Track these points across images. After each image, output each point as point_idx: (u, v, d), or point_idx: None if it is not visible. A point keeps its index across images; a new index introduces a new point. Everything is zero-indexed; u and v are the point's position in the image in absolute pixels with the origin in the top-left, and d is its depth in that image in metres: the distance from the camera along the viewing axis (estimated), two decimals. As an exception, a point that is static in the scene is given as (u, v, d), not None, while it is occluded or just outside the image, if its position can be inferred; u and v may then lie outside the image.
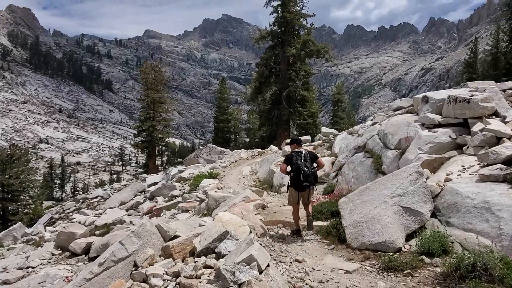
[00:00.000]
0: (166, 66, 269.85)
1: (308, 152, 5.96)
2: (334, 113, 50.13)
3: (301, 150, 5.90)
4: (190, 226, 5.03)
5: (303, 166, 5.59)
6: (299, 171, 5.59)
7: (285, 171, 5.91)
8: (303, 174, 5.54)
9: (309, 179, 5.56)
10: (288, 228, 6.05)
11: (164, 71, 40.68)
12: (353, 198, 5.16)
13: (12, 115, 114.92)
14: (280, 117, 33.57)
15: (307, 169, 5.57)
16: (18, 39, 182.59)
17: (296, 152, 5.85)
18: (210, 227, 4.08)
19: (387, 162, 7.31)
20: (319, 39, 76.20)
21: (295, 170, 5.67)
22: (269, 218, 6.48)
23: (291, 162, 5.79)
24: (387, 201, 4.73)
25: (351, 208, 5.03)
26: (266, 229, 5.60)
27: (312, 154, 6.00)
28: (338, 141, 12.94)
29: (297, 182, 5.63)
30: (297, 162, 5.67)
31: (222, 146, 35.67)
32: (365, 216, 4.74)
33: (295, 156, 5.77)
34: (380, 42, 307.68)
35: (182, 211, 9.42)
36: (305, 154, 5.83)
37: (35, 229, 18.05)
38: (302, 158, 5.71)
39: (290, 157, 5.85)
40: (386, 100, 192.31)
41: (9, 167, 32.83)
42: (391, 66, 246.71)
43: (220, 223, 4.29)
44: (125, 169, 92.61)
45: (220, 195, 8.07)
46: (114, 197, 21.24)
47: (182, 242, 4.08)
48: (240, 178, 16.30)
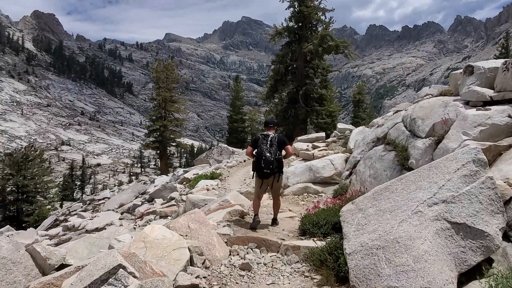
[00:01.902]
0: (186, 69, 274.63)
1: (278, 136, 5.46)
2: (354, 113, 47.88)
3: (268, 134, 5.42)
4: (97, 247, 3.37)
5: (265, 152, 5.13)
6: (260, 156, 5.16)
7: (250, 154, 5.51)
8: (264, 159, 5.09)
9: (271, 166, 5.08)
10: (263, 251, 4.23)
11: (180, 73, 39.73)
12: (364, 205, 3.27)
13: (35, 118, 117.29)
14: (296, 117, 31.80)
15: (269, 155, 5.09)
16: (43, 44, 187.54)
17: (263, 136, 5.41)
18: (100, 258, 2.33)
19: (416, 155, 5.40)
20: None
21: (257, 154, 5.23)
22: (241, 233, 4.66)
23: (256, 145, 5.34)
24: (422, 211, 2.82)
25: (359, 221, 3.13)
26: (228, 251, 3.82)
27: (282, 139, 5.49)
28: (353, 135, 11.14)
29: (259, 167, 5.20)
30: (260, 146, 5.23)
31: (235, 146, 34.32)
32: (382, 238, 2.83)
33: (261, 140, 5.35)
34: (404, 42, 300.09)
35: (160, 216, 7.88)
36: (272, 138, 5.33)
37: (29, 232, 16.98)
38: (268, 142, 5.25)
39: (256, 140, 5.46)
40: (410, 101, 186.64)
41: (24, 168, 32.55)
42: (415, 66, 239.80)
43: (142, 243, 2.61)
44: (144, 170, 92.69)
45: (200, 198, 6.44)
46: (114, 198, 20.16)
47: (51, 282, 2.38)
48: (245, 179, 14.69)
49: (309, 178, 9.64)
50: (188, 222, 3.56)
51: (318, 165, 9.69)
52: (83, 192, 66.08)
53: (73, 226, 15.90)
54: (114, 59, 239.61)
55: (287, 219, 5.85)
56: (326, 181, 9.38)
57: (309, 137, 17.98)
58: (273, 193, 5.69)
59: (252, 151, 5.44)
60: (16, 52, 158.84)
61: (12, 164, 32.14)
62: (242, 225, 5.34)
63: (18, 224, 29.49)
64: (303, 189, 9.29)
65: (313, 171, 9.62)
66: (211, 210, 5.38)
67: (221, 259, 3.57)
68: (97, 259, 2.32)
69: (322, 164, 9.67)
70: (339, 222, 3.77)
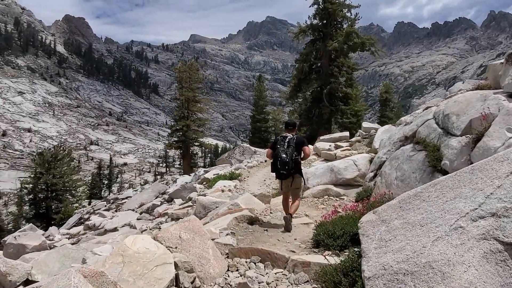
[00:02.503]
0: (211, 69, 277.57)
1: (296, 137, 5.47)
2: (381, 113, 46.40)
3: (286, 135, 5.48)
4: (71, 260, 2.97)
5: (281, 153, 5.21)
6: (276, 158, 5.24)
7: (270, 156, 5.56)
8: (280, 161, 5.16)
9: (286, 166, 5.13)
10: (268, 266, 3.65)
11: (205, 74, 39.91)
12: (388, 216, 2.68)
13: (66, 118, 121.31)
14: (320, 116, 31.02)
15: (285, 156, 5.16)
16: (73, 47, 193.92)
17: (281, 137, 5.48)
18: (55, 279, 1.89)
19: (450, 155, 4.74)
20: (365, 35, 71.95)
21: (274, 156, 5.32)
22: (246, 243, 4.14)
23: (275, 147, 5.40)
24: (463, 226, 2.18)
25: (382, 236, 2.55)
26: (226, 266, 3.31)
27: (299, 140, 5.49)
28: (379, 134, 10.48)
29: (275, 169, 5.32)
30: (278, 147, 5.30)
31: (258, 146, 34.02)
32: (411, 260, 2.19)
33: (279, 141, 5.42)
34: (434, 39, 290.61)
35: (172, 219, 7.51)
36: (290, 139, 5.39)
37: (50, 231, 17.18)
38: (285, 143, 5.32)
39: (275, 142, 5.51)
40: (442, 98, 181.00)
41: (53, 167, 33.53)
42: (446, 64, 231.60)
43: (120, 257, 2.20)
44: (168, 170, 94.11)
45: (211, 200, 6.01)
46: (134, 198, 20.23)
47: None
48: (265, 180, 14.13)
49: (330, 179, 9.12)
50: (180, 232, 3.08)
51: (340, 166, 9.18)
52: (110, 191, 67.68)
53: (93, 225, 16.00)
54: (140, 60, 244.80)
55: (301, 226, 5.33)
56: (349, 183, 8.86)
57: (332, 137, 17.30)
58: (291, 194, 5.60)
59: (272, 153, 5.52)
60: (49, 55, 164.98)
61: (42, 163, 33.16)
62: (248, 234, 4.81)
63: (48, 221, 30.43)
64: (323, 191, 8.81)
65: (335, 172, 9.11)
66: (218, 215, 4.93)
67: (215, 276, 3.05)
68: (52, 281, 1.89)
69: (345, 164, 9.14)
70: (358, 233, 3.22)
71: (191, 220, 3.32)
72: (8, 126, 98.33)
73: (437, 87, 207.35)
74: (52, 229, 17.41)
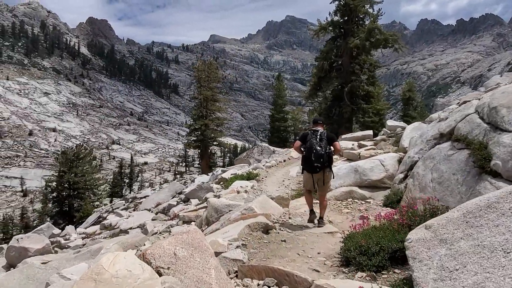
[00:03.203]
0: (230, 69, 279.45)
1: (326, 132, 5.43)
2: (404, 112, 44.95)
3: (318, 129, 5.43)
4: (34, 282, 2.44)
5: (315, 145, 5.10)
6: (311, 150, 5.13)
7: (298, 149, 5.51)
8: (314, 153, 5.07)
9: (321, 159, 5.07)
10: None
11: (224, 73, 39.78)
12: (449, 234, 1.99)
13: (89, 118, 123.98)
14: (341, 115, 30.15)
15: (320, 148, 5.07)
16: (96, 49, 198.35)
17: (312, 131, 5.43)
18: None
19: (503, 154, 4.05)
20: (387, 32, 70.19)
21: (307, 149, 5.21)
22: (259, 259, 3.51)
23: (305, 140, 5.32)
24: None
25: (443, 262, 1.86)
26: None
27: (330, 135, 5.48)
28: (408, 132, 9.83)
29: (309, 162, 5.18)
30: (310, 140, 5.20)
31: (277, 146, 33.50)
32: None
33: (310, 134, 5.34)
34: (459, 36, 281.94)
35: (183, 222, 7.00)
36: (322, 133, 5.34)
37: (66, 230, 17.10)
38: (318, 137, 5.26)
39: (305, 135, 5.43)
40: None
41: (75, 166, 34.09)
42: (471, 62, 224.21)
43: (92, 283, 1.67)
44: (188, 169, 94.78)
45: (224, 203, 5.50)
46: (151, 198, 20.06)
47: None
48: (284, 180, 13.58)
49: (355, 181, 8.56)
50: (176, 247, 2.40)
51: (366, 166, 8.58)
52: (131, 190, 68.66)
53: (109, 224, 15.84)
54: (161, 61, 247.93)
55: (325, 235, 4.67)
56: (375, 184, 8.25)
57: (354, 135, 16.59)
58: (319, 191, 5.52)
59: (300, 146, 5.40)
60: (73, 57, 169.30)
61: (65, 162, 33.72)
62: (263, 245, 4.11)
63: (70, 219, 30.97)
64: (347, 193, 8.27)
65: (360, 173, 8.54)
66: (230, 220, 4.37)
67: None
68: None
69: (370, 165, 8.55)
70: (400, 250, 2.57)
71: (190, 231, 2.70)
72: (35, 126, 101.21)
73: (462, 86, 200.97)
74: (69, 228, 17.38)
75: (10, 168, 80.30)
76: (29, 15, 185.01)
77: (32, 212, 50.91)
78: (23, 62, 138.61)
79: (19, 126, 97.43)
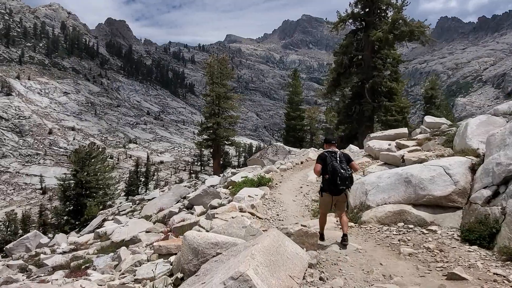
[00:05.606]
0: (246, 69, 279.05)
1: (343, 153, 5.46)
2: (426, 111, 43.03)
3: (335, 150, 5.44)
4: None
5: (339, 168, 5.13)
6: (335, 173, 5.12)
7: (318, 173, 5.36)
8: (340, 176, 5.09)
9: (346, 182, 5.17)
10: None
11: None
12: None
13: (107, 118, 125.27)
14: (361, 113, 28.55)
15: (344, 171, 5.12)
16: (114, 49, 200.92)
17: (329, 152, 5.39)
18: None
19: None
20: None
21: (331, 172, 5.16)
22: None
23: (326, 163, 5.26)
24: None
25: None
26: None
27: (347, 155, 5.49)
28: (473, 128, 7.92)
29: (333, 185, 5.16)
30: (332, 163, 5.19)
31: (293, 146, 32.01)
32: None
33: (329, 157, 5.31)
34: (480, 34, 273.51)
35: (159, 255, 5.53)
36: (340, 154, 5.38)
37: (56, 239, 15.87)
38: (338, 159, 5.27)
39: (324, 157, 5.34)
40: (487, 99, 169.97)
41: (88, 165, 33.63)
42: (494, 60, 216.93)
43: None
44: (203, 169, 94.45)
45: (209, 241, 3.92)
46: (154, 201, 18.64)
47: None
48: (301, 187, 11.84)
49: (406, 196, 6.36)
50: None
51: (423, 175, 6.28)
52: (147, 188, 68.65)
53: (104, 233, 14.66)
54: (177, 61, 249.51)
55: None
56: (438, 203, 5.96)
57: (385, 134, 14.29)
58: (338, 210, 5.51)
59: (321, 169, 5.33)
60: (92, 57, 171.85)
61: (77, 160, 33.27)
62: None
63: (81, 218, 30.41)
64: (395, 215, 6.16)
65: (413, 185, 6.30)
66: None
67: None
68: None
69: (429, 173, 6.26)
70: None
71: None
72: (54, 125, 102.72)
73: (484, 85, 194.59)
74: (59, 237, 16.14)
75: (30, 166, 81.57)
76: (50, 16, 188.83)
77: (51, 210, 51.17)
78: (44, 63, 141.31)
79: (39, 125, 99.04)
